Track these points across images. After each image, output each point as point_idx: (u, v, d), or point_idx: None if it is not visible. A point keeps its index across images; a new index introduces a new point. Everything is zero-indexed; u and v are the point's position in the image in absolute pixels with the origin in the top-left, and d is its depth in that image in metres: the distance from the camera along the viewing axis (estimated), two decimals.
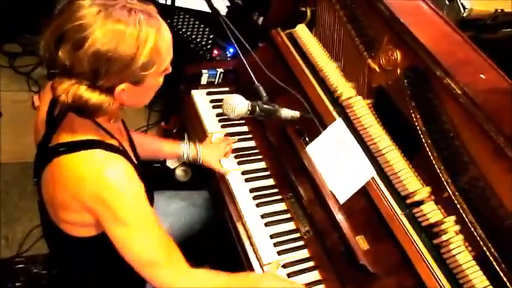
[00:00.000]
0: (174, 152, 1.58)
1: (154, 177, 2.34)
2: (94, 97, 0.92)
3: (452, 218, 1.25)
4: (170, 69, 1.07)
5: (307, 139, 1.52)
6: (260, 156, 1.67)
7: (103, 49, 0.88)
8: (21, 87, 2.76)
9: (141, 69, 0.94)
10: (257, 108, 1.30)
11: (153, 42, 0.93)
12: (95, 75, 0.91)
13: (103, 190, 0.98)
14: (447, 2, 1.89)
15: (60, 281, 1.35)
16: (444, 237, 1.24)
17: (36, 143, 1.14)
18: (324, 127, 1.49)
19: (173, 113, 2.40)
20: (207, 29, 2.30)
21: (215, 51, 2.26)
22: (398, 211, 1.32)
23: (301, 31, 1.74)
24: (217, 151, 1.60)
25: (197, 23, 2.32)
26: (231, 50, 2.20)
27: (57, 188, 1.03)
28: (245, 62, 1.31)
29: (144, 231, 1.06)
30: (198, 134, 1.72)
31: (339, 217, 1.38)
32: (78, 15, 0.88)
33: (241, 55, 1.35)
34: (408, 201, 1.32)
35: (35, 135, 1.16)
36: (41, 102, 1.13)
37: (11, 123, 2.40)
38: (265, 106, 1.31)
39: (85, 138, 1.01)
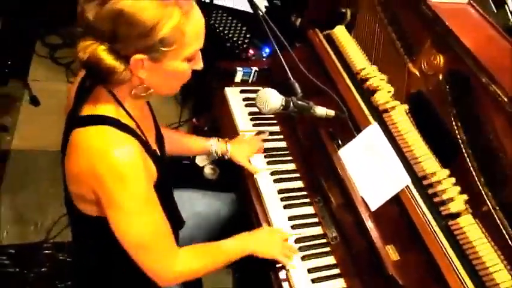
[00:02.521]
0: (202, 147, 1.57)
1: (183, 174, 2.35)
2: (108, 59, 0.93)
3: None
4: (201, 64, 1.06)
5: (339, 142, 1.47)
6: (290, 158, 1.63)
7: (125, 10, 0.89)
8: (60, 78, 2.84)
9: (161, 44, 0.93)
10: (291, 104, 1.27)
11: (177, 20, 0.92)
12: (114, 36, 0.91)
13: (104, 168, 0.97)
14: (494, 10, 1.81)
15: (81, 266, 1.34)
16: (481, 253, 1.17)
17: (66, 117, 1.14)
18: (358, 131, 1.44)
19: (205, 110, 2.40)
20: (244, 28, 2.29)
21: (251, 51, 2.25)
22: (433, 222, 1.25)
23: (340, 32, 1.70)
24: (246, 148, 1.58)
25: (235, 21, 2.32)
26: (267, 51, 2.18)
27: (69, 160, 1.03)
28: (281, 58, 1.28)
29: (140, 217, 1.04)
30: (229, 131, 1.70)
31: (369, 225, 1.32)
32: None
33: (278, 51, 1.33)
34: (444, 212, 1.26)
35: (66, 109, 1.16)
36: (77, 77, 1.15)
37: (48, 113, 2.46)
38: (300, 102, 1.28)
39: (101, 114, 1.01)
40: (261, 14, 1.46)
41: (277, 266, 1.34)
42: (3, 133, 2.49)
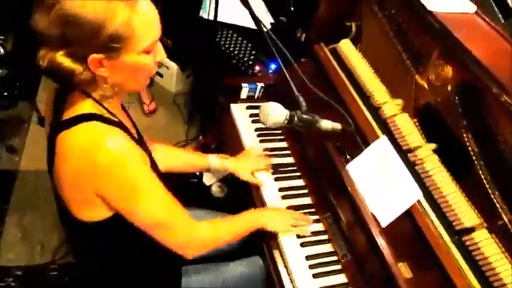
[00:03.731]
0: (202, 163, 1.56)
1: (191, 193, 2.33)
2: (66, 62, 0.94)
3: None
4: (163, 54, 1.06)
5: (348, 157, 1.45)
6: (298, 174, 1.60)
7: (70, 12, 0.90)
8: None
9: (111, 41, 0.94)
10: (295, 118, 1.24)
11: (124, 15, 0.93)
12: (65, 40, 0.93)
13: (105, 159, 0.97)
14: (502, 20, 1.79)
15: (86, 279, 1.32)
16: (498, 270, 1.12)
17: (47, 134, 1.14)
18: (367, 145, 1.41)
19: (212, 128, 2.39)
20: (249, 45, 2.29)
21: (257, 68, 2.24)
22: (447, 238, 1.21)
23: (345, 46, 1.69)
24: (248, 163, 1.57)
25: (240, 39, 2.32)
26: (273, 67, 2.17)
27: (61, 167, 1.02)
28: (286, 73, 1.26)
29: (149, 197, 1.06)
30: (235, 148, 1.68)
31: (380, 241, 1.28)
32: None
33: (282, 66, 1.31)
34: (457, 227, 1.21)
35: (46, 125, 1.16)
36: (47, 96, 1.16)
37: None
38: (304, 116, 1.25)
39: (82, 113, 1.01)
40: (265, 30, 1.45)
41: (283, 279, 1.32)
42: (12, 154, 2.50)
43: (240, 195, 1.66)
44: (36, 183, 2.38)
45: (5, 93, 2.68)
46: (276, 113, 1.24)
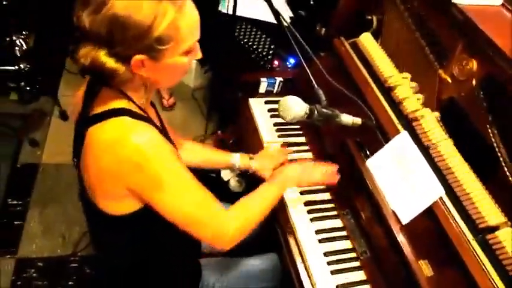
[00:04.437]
0: (225, 161, 1.56)
1: (209, 187, 2.33)
2: (110, 62, 0.95)
3: None
4: (199, 54, 1.07)
5: (367, 152, 1.42)
6: None
7: (120, 14, 0.90)
8: None
9: (157, 43, 0.95)
10: (315, 112, 1.22)
11: (171, 17, 0.94)
12: (111, 41, 0.93)
13: (132, 154, 0.97)
14: None
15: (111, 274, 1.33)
16: None
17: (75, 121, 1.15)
18: (387, 140, 1.39)
19: (230, 123, 2.39)
20: (268, 39, 2.28)
21: (275, 62, 2.22)
22: (470, 236, 1.18)
23: (366, 40, 1.66)
24: (270, 160, 1.55)
25: (259, 33, 2.30)
26: (292, 61, 2.16)
27: (90, 160, 1.03)
28: (306, 67, 1.25)
29: (180, 189, 1.06)
30: (253, 143, 1.67)
31: (401, 239, 1.26)
32: None
33: (302, 60, 1.29)
34: (481, 225, 1.18)
35: (74, 117, 1.17)
36: (81, 86, 1.16)
37: None
38: (324, 110, 1.23)
39: (113, 107, 1.02)
40: (286, 24, 1.44)
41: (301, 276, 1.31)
42: (34, 147, 2.54)
43: None
44: (57, 176, 2.43)
45: (27, 88, 2.73)
46: (296, 107, 1.23)
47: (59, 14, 2.87)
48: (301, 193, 1.49)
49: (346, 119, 1.30)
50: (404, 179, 1.32)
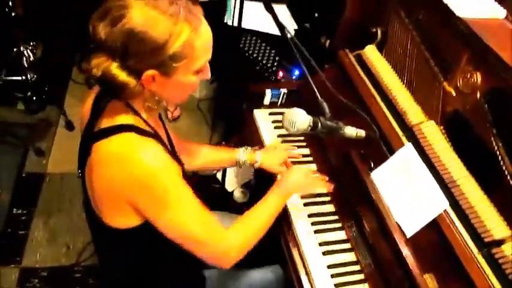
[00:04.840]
0: (230, 158, 1.56)
1: (213, 198, 2.34)
2: (121, 75, 0.95)
3: None
4: (208, 74, 1.08)
5: (372, 164, 1.42)
6: None
7: (136, 29, 0.91)
8: None
9: (171, 60, 0.96)
10: (319, 124, 1.23)
11: (186, 36, 0.95)
12: (125, 54, 0.94)
13: (136, 172, 0.98)
14: None
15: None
16: None
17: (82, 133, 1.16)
18: (392, 152, 1.39)
19: (235, 134, 2.39)
20: (273, 51, 2.29)
21: (280, 74, 2.24)
22: (475, 249, 1.17)
23: (370, 52, 1.67)
24: (277, 155, 1.56)
25: (263, 45, 2.32)
26: (297, 73, 2.17)
27: (95, 174, 1.03)
28: (310, 79, 1.25)
29: (182, 209, 1.06)
30: None
31: (405, 252, 1.25)
32: None
33: (306, 72, 1.30)
34: (486, 239, 1.17)
35: (81, 128, 1.18)
36: (88, 97, 1.17)
37: None
38: (328, 122, 1.24)
39: (120, 123, 1.03)
40: (290, 36, 1.45)
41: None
42: (39, 157, 2.56)
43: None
44: (63, 186, 2.43)
45: (34, 97, 2.76)
46: (300, 119, 1.23)
47: (66, 25, 2.94)
48: (305, 205, 1.49)
49: (350, 131, 1.30)
50: (409, 192, 1.31)
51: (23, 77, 2.70)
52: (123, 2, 0.92)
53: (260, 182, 1.57)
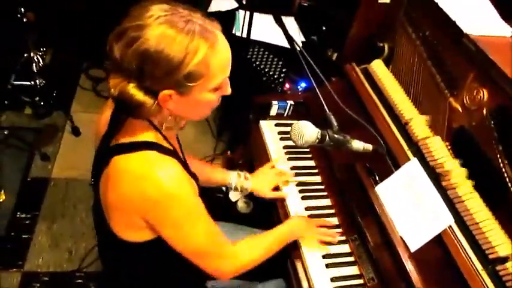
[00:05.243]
0: (223, 179, 1.56)
1: (217, 208, 2.33)
2: (138, 95, 0.95)
3: None
4: (228, 90, 1.07)
5: (377, 178, 1.42)
6: (325, 193, 1.59)
7: (151, 50, 0.90)
8: (100, 110, 2.92)
9: (186, 79, 0.95)
10: (327, 137, 1.23)
11: (202, 54, 0.93)
12: (141, 75, 0.93)
13: (155, 190, 0.98)
14: None
15: None
16: None
17: (95, 145, 1.16)
18: (397, 166, 1.39)
19: (240, 144, 2.40)
20: (280, 63, 2.31)
21: (287, 85, 2.25)
22: (479, 266, 1.17)
23: (377, 66, 1.68)
24: (266, 179, 1.56)
25: (271, 56, 2.34)
26: (303, 85, 2.18)
27: (111, 188, 1.03)
28: (318, 91, 1.26)
29: (196, 228, 1.08)
30: (262, 164, 1.67)
31: (409, 266, 1.25)
32: (141, 17, 0.92)
33: (314, 84, 1.31)
34: (491, 256, 1.17)
35: (95, 138, 1.18)
36: (106, 107, 1.17)
37: (88, 143, 2.52)
38: (336, 135, 1.24)
39: (142, 140, 1.03)
40: (298, 48, 1.46)
41: None
42: (45, 162, 2.57)
43: (266, 211, 1.65)
44: (67, 191, 2.44)
45: (42, 103, 2.78)
46: (308, 132, 1.24)
47: (76, 33, 2.97)
48: (309, 217, 1.49)
49: (357, 145, 1.31)
50: (414, 206, 1.31)
51: (32, 82, 2.73)
52: (140, 22, 0.91)
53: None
